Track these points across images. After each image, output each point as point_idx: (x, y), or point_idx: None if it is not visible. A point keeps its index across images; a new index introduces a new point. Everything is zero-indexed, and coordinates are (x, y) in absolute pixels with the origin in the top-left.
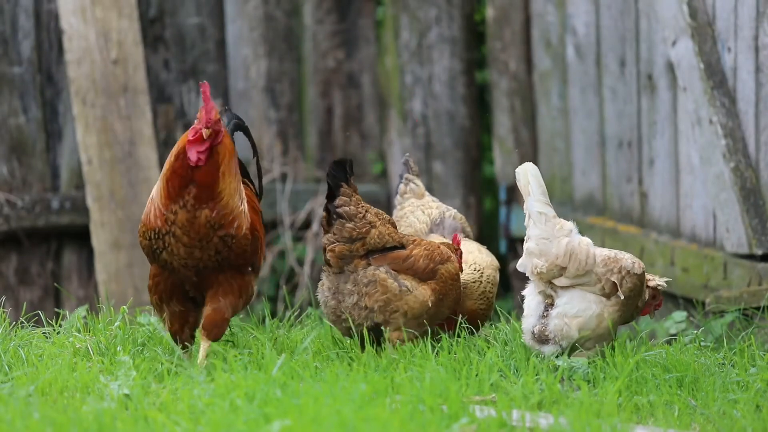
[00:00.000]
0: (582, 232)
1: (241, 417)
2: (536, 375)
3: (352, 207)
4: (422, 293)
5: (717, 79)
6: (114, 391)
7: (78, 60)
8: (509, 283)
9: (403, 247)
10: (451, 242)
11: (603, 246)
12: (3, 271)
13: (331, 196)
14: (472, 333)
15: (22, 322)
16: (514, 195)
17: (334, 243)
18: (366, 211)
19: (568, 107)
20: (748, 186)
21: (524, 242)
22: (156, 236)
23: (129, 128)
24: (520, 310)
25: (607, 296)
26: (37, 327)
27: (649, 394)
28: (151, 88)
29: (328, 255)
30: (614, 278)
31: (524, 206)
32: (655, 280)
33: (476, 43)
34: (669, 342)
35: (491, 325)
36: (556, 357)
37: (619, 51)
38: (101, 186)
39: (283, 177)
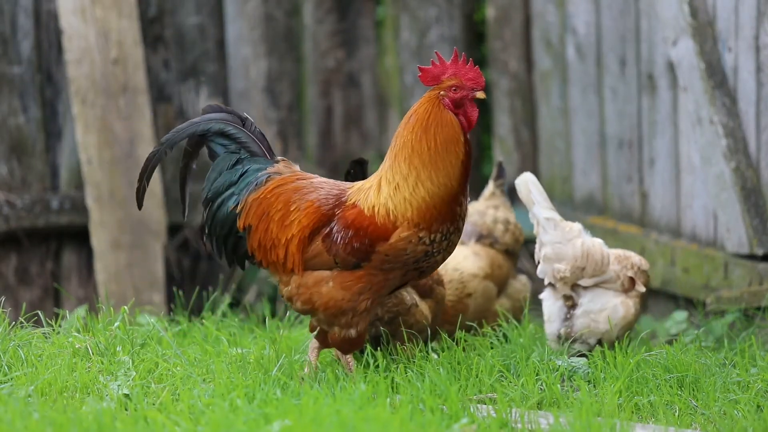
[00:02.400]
0: None
1: (241, 417)
2: (536, 375)
3: None
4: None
5: (718, 78)
6: (114, 391)
7: (78, 60)
8: None
9: None
10: None
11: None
12: (2, 271)
13: None
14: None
15: (21, 322)
16: (514, 195)
17: None
18: None
19: (569, 107)
20: (748, 186)
21: (537, 250)
22: (444, 237)
23: (129, 128)
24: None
25: (626, 291)
26: (37, 327)
27: (650, 394)
28: (151, 88)
29: None
30: (630, 273)
31: (530, 215)
32: None
33: (476, 42)
34: (670, 342)
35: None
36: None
37: (620, 51)
38: (101, 186)
39: None
